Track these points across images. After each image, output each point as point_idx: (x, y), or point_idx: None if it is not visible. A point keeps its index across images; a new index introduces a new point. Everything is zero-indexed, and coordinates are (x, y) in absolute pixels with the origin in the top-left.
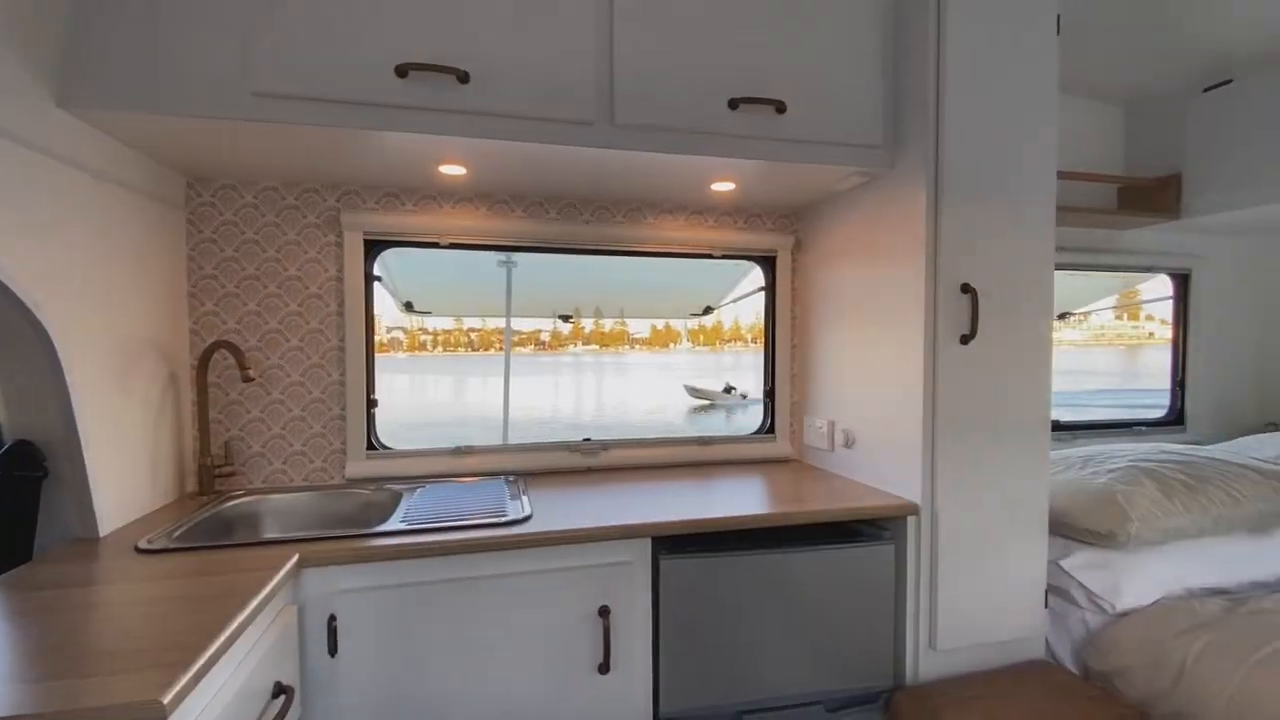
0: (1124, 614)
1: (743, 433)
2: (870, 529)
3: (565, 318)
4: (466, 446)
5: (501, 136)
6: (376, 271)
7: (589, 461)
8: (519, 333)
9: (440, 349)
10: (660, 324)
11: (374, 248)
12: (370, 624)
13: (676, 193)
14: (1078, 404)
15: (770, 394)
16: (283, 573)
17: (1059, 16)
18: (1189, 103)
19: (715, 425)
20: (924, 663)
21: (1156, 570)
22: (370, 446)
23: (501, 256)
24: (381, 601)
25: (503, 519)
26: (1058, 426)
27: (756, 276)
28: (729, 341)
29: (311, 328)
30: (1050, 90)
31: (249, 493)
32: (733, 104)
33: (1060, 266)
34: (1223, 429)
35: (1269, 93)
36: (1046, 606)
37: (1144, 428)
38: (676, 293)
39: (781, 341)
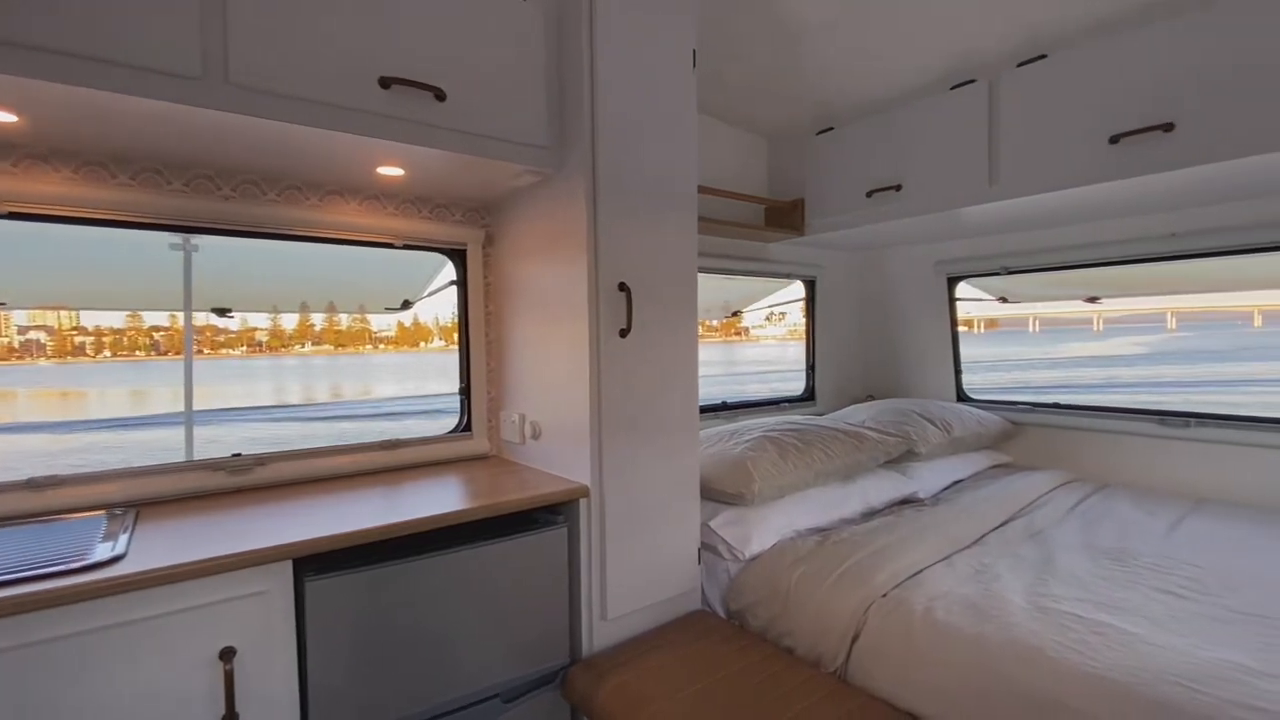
0: (752, 559)
1: (437, 433)
2: (546, 515)
3: (221, 311)
4: (50, 476)
5: (54, 78)
6: None
7: (239, 481)
8: (227, 332)
9: (109, 353)
10: (409, 321)
11: None
12: None
13: (338, 173)
14: (769, 387)
15: (465, 391)
16: None
17: (695, 51)
18: (808, 142)
19: None
20: (598, 634)
21: (775, 520)
22: None
23: (176, 239)
24: None
25: (80, 564)
26: (725, 406)
27: (452, 270)
28: None
29: None
30: (689, 115)
31: None
32: (384, 83)
33: (724, 271)
34: (839, 401)
35: (853, 141)
36: (700, 563)
37: (787, 404)
38: (371, 285)
39: (476, 337)
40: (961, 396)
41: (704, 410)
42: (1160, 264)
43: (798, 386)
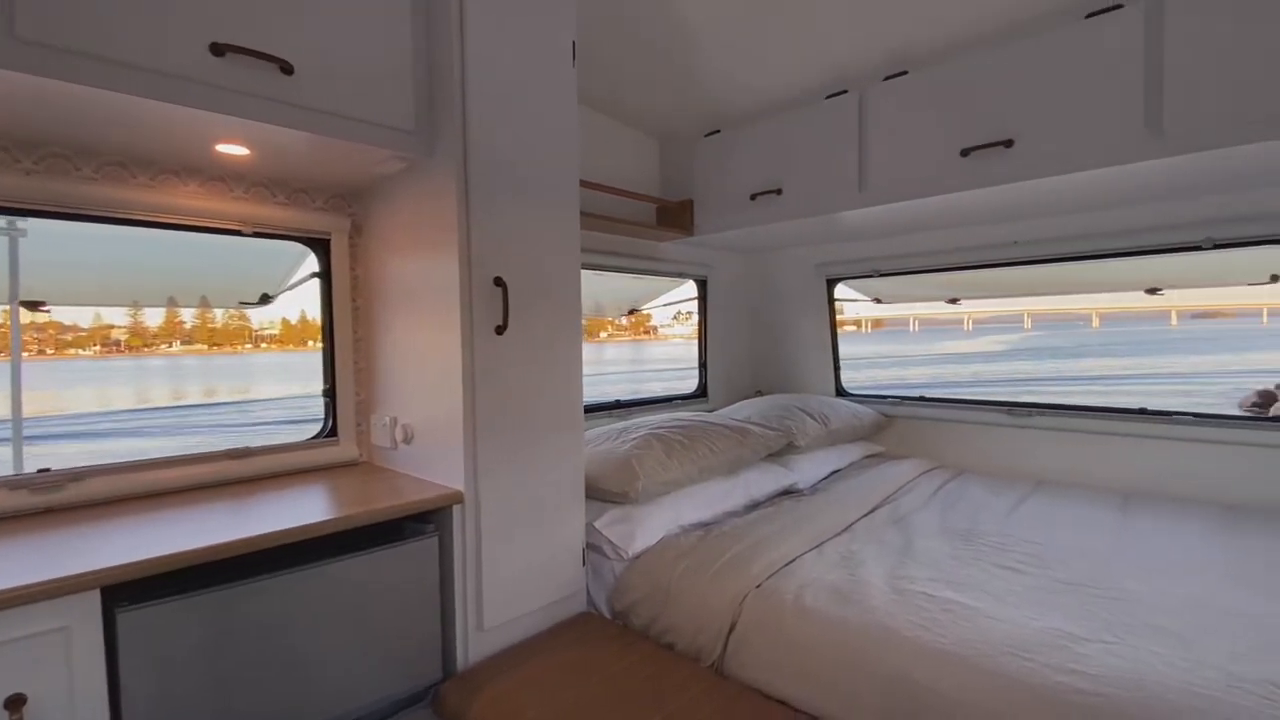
0: (636, 557)
1: (299, 439)
2: (415, 525)
3: (33, 305)
4: None
5: None
6: None
7: (47, 500)
8: (78, 329)
9: None
10: (294, 317)
11: None
12: None
13: (172, 150)
14: (667, 385)
15: (330, 393)
16: None
17: (574, 43)
18: (697, 144)
19: None
20: (474, 646)
21: (661, 516)
22: None
23: (0, 221)
24: None
25: None
26: (618, 405)
27: (314, 262)
28: None
29: None
30: (570, 109)
31: None
32: (217, 50)
33: (617, 268)
34: (730, 397)
35: (737, 145)
36: (586, 564)
37: (680, 400)
38: (222, 277)
39: (342, 333)
40: (840, 391)
41: (597, 409)
42: (1007, 269)
43: (695, 383)
